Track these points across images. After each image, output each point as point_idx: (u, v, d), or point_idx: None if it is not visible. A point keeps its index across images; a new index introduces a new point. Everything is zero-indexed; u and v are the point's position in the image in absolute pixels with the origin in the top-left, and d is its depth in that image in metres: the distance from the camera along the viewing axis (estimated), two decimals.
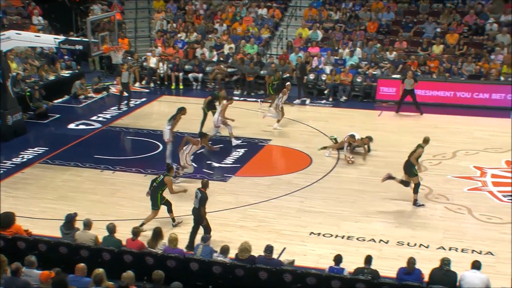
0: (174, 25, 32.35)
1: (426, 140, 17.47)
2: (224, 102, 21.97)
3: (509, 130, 22.53)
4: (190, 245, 14.77)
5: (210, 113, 22.41)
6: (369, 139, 20.73)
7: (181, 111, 19.69)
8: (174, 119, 19.47)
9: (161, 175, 16.14)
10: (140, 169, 19.70)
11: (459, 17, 29.77)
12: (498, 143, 21.64)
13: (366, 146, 20.55)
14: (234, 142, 21.50)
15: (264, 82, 27.78)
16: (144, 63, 29.87)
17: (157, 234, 13.58)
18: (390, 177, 17.32)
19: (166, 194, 16.12)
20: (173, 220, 16.17)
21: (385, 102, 26.27)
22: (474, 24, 29.44)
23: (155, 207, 15.93)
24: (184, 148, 18.49)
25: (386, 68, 27.77)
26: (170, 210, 16.15)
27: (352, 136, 20.52)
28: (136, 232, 13.55)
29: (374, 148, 20.83)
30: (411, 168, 17.09)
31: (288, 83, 24.35)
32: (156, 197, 15.91)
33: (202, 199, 14.85)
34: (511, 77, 26.40)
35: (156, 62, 29.43)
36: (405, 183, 17.30)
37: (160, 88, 28.98)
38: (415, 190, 17.24)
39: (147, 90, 28.55)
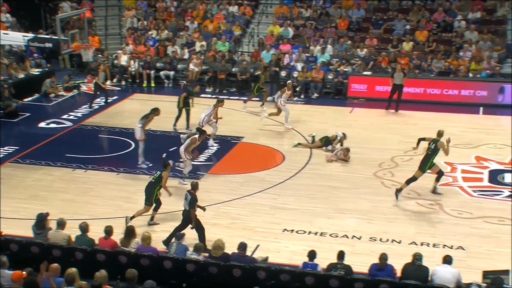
0: (145, 22, 32.18)
1: (440, 134, 17.50)
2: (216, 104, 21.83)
3: (478, 126, 22.81)
4: (167, 240, 14.62)
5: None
6: (344, 136, 20.79)
7: (155, 111, 19.59)
8: (146, 118, 19.36)
9: (158, 171, 16.16)
10: (112, 167, 19.56)
11: (428, 15, 29.97)
12: (467, 139, 21.83)
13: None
14: (211, 143, 21.39)
15: (236, 79, 27.81)
16: (115, 61, 29.66)
17: (130, 232, 13.49)
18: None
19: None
20: (152, 218, 16.09)
21: (356, 98, 26.39)
22: (443, 21, 29.66)
23: (148, 203, 15.93)
24: (184, 145, 18.39)
25: (357, 65, 27.88)
26: (156, 209, 16.09)
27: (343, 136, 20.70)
28: (108, 230, 13.43)
29: (346, 145, 20.88)
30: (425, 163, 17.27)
31: (289, 81, 24.12)
32: (152, 192, 15.92)
33: (192, 201, 14.79)
34: (479, 74, 26.67)
35: (127, 60, 29.24)
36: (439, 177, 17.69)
37: (131, 86, 28.82)
38: (408, 182, 17.42)
39: (119, 88, 28.37)
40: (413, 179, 17.34)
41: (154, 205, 16.03)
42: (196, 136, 18.65)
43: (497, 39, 28.28)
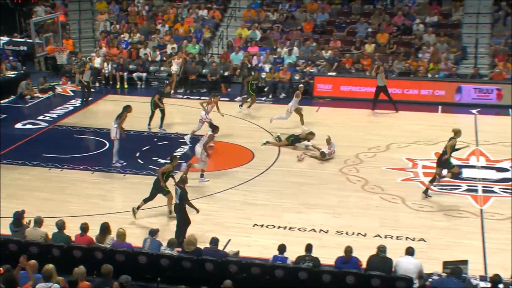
0: (118, 26, 31.93)
1: (456, 132, 17.41)
2: (213, 99, 21.90)
3: (437, 124, 22.97)
4: (182, 239, 14.41)
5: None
6: (311, 134, 20.82)
7: (127, 109, 19.44)
8: (120, 118, 19.21)
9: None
10: (87, 166, 19.37)
11: (388, 18, 30.18)
12: (427, 136, 21.96)
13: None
14: (187, 139, 21.23)
15: (206, 80, 27.75)
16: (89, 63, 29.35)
17: (105, 229, 13.39)
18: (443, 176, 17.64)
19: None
20: (138, 208, 15.98)
21: (322, 98, 26.44)
22: (402, 24, 29.89)
23: (165, 193, 15.99)
24: (202, 143, 18.32)
25: (322, 66, 27.96)
26: (147, 201, 16.02)
27: (311, 134, 20.55)
28: (84, 227, 13.30)
29: (313, 143, 20.94)
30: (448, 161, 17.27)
31: (301, 85, 23.86)
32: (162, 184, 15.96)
33: (182, 194, 14.77)
34: (437, 74, 26.91)
35: (100, 62, 28.99)
36: (457, 174, 17.72)
37: (105, 88, 28.57)
38: (432, 180, 17.53)
39: (93, 90, 28.03)
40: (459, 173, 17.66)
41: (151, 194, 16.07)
42: (211, 132, 18.70)
43: (453, 42, 28.59)
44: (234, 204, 16.93)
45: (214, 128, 19.07)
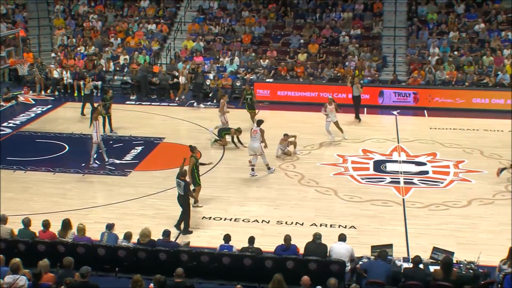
0: (74, 40, 31.29)
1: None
2: (222, 100, 21.68)
3: (363, 124, 23.25)
4: (186, 230, 14.77)
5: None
6: (238, 131, 20.57)
7: (95, 111, 19.14)
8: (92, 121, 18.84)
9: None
10: (49, 168, 18.91)
11: (318, 31, 30.30)
12: (355, 134, 22.12)
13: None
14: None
15: (156, 87, 27.41)
16: (48, 75, 28.63)
17: (66, 225, 13.15)
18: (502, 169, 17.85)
19: None
20: (195, 201, 16.10)
21: (261, 102, 26.35)
22: (330, 36, 30.10)
23: (196, 185, 15.96)
24: (258, 139, 18.31)
25: (260, 73, 27.96)
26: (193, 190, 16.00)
27: (285, 135, 20.17)
28: (46, 224, 13.02)
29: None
30: None
31: (330, 96, 22.42)
32: (194, 176, 15.90)
33: (186, 186, 14.77)
34: (362, 80, 27.18)
35: (59, 72, 28.34)
36: None
37: (64, 96, 27.92)
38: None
39: (52, 98, 27.43)
40: None
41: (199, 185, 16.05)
42: (258, 128, 18.52)
43: (375, 51, 28.95)
44: None
45: (261, 123, 18.80)
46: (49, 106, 26.01)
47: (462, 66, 27.30)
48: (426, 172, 18.81)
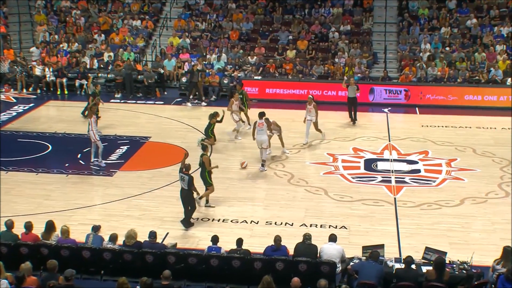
0: (56, 36, 31.12)
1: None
2: (232, 99, 21.65)
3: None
4: (188, 222, 15.10)
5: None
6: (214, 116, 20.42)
7: (93, 101, 19.07)
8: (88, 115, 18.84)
9: (200, 157, 16.14)
10: (31, 168, 18.82)
11: (307, 27, 30.38)
12: (345, 133, 22.25)
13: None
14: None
15: (142, 85, 27.31)
16: (30, 72, 28.50)
17: (50, 226, 13.10)
18: None
19: None
20: (207, 201, 16.33)
21: (250, 100, 26.35)
22: (320, 32, 30.17)
23: (208, 185, 16.10)
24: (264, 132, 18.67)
25: (248, 70, 27.97)
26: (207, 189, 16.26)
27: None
28: (28, 226, 12.95)
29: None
30: None
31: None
32: (205, 176, 16.02)
33: (190, 181, 14.97)
34: (352, 77, 27.26)
35: (41, 70, 28.19)
36: None
37: (46, 94, 27.78)
38: None
39: (34, 96, 27.30)
40: None
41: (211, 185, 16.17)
42: (263, 120, 18.76)
43: (365, 48, 29.03)
44: (171, 199, 16.63)
45: (263, 115, 19.01)
46: (31, 105, 25.87)
47: (454, 62, 27.48)
48: (418, 171, 18.90)
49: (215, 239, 12.72)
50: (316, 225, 15.31)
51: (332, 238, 12.60)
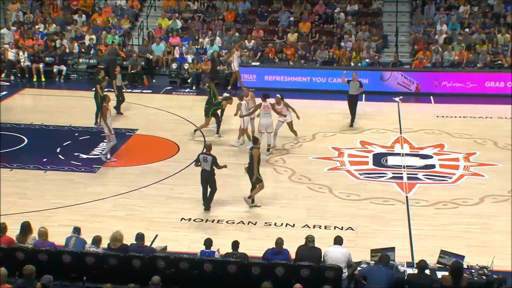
0: (31, 16, 31.08)
1: None
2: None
3: (360, 113, 23.13)
4: (207, 204, 16.09)
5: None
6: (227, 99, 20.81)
7: (105, 99, 19.12)
8: (101, 111, 18.80)
9: (249, 150, 16.45)
10: (5, 164, 18.84)
11: (310, 7, 30.45)
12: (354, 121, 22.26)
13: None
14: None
15: (127, 72, 27.31)
16: (2, 56, 28.48)
17: (26, 228, 13.05)
18: None
19: None
20: (251, 199, 16.41)
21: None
22: (324, 13, 30.23)
23: (258, 181, 16.28)
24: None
25: (245, 56, 27.98)
26: (252, 189, 16.44)
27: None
28: (2, 228, 12.92)
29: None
30: None
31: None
32: (253, 173, 16.21)
33: (214, 160, 15.84)
34: (360, 63, 27.35)
35: (15, 54, 28.18)
36: None
37: (21, 81, 27.79)
38: None
39: (7, 83, 27.30)
40: None
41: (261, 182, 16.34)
42: (268, 102, 19.37)
43: (374, 30, 29.08)
44: (160, 198, 16.77)
45: (267, 96, 19.63)
46: (4, 93, 25.88)
47: (473, 45, 27.49)
48: (433, 166, 18.97)
49: (208, 243, 12.73)
50: (320, 226, 15.36)
51: (338, 241, 12.64)
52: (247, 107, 20.19)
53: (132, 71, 27.36)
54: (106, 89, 22.22)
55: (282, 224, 15.51)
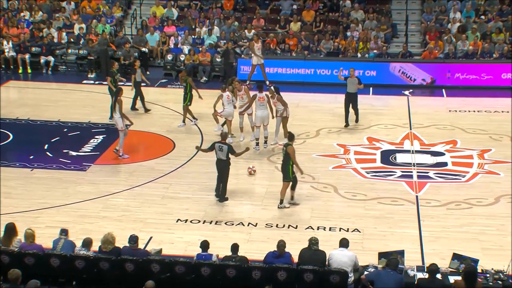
0: (16, 2, 31.09)
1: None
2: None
3: (367, 107, 23.24)
4: (223, 196, 16.69)
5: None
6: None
7: (118, 93, 19.15)
8: (116, 104, 18.82)
9: (284, 147, 16.58)
10: None
11: None
12: (359, 120, 22.25)
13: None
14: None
15: (119, 64, 27.29)
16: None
17: (11, 230, 13.06)
18: None
19: None
20: (292, 198, 16.61)
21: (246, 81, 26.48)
22: (329, 1, 30.22)
23: (287, 179, 16.41)
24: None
25: (245, 46, 27.97)
26: (293, 187, 16.57)
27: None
28: None
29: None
30: None
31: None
32: (287, 169, 16.31)
33: (230, 148, 16.46)
34: (367, 54, 27.36)
35: None
36: None
37: (5, 73, 27.80)
38: None
39: None
40: None
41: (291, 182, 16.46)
42: (264, 93, 19.59)
43: (383, 18, 29.08)
44: (154, 198, 16.83)
45: (262, 87, 19.95)
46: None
47: (489, 34, 27.46)
48: (445, 164, 19.01)
49: (204, 245, 12.73)
50: (324, 227, 15.40)
51: (344, 243, 12.64)
52: (242, 100, 20.34)
53: (125, 62, 27.32)
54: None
55: (284, 225, 15.55)
